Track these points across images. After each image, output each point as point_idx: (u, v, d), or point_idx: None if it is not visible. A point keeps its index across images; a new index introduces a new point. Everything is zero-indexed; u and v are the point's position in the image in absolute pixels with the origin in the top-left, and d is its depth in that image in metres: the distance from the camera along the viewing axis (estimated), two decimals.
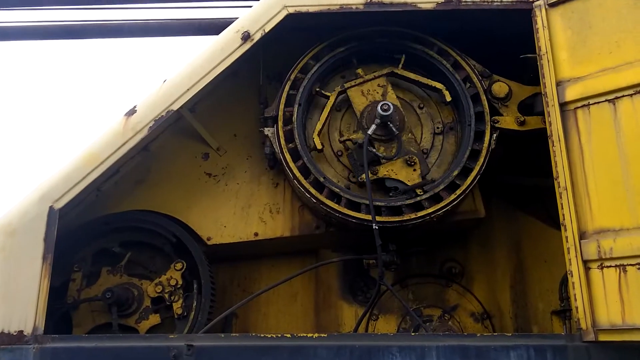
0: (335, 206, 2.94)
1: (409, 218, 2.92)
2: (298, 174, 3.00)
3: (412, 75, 3.18)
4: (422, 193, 2.97)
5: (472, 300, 3.45)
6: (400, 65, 3.18)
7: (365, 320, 3.30)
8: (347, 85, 3.17)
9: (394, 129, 3.00)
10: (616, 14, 2.63)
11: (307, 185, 2.98)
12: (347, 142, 3.12)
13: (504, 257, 3.54)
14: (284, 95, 3.13)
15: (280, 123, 3.09)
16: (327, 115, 3.12)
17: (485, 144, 3.03)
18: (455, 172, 3.00)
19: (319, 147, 3.05)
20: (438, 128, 3.22)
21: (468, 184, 2.98)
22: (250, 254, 3.47)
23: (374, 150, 3.02)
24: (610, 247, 2.36)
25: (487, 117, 3.08)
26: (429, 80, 3.17)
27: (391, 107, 2.98)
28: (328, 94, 3.16)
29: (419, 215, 2.93)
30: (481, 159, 3.01)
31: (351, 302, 3.43)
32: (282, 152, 3.06)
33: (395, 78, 3.22)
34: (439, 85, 3.14)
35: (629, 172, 2.41)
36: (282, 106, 3.12)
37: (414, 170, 3.01)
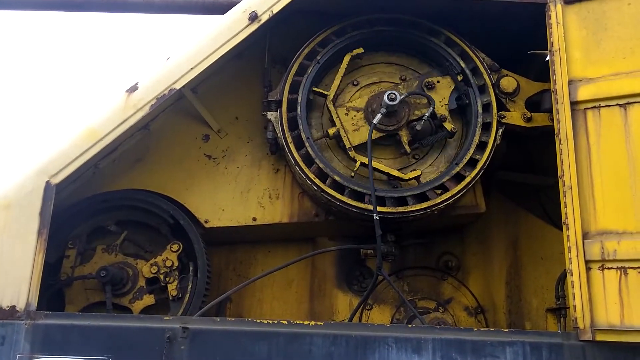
0: (338, 195, 2.91)
1: (410, 210, 2.91)
2: (298, 159, 2.97)
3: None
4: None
5: (467, 294, 3.46)
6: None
7: (360, 309, 3.30)
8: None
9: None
10: (633, 20, 2.63)
11: (307, 171, 2.95)
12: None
13: (500, 252, 3.55)
14: (289, 80, 3.08)
15: (284, 108, 3.04)
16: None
17: (491, 139, 3.00)
18: (460, 166, 2.97)
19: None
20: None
21: (471, 178, 2.96)
22: (247, 238, 3.45)
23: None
24: (614, 249, 2.37)
25: (494, 111, 3.05)
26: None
27: (397, 96, 2.94)
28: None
29: (420, 207, 2.91)
30: (486, 154, 2.99)
31: (346, 291, 3.43)
32: (284, 138, 3.02)
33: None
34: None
35: (636, 177, 2.42)
36: (286, 91, 3.06)
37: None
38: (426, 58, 3.25)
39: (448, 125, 3.05)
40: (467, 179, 2.95)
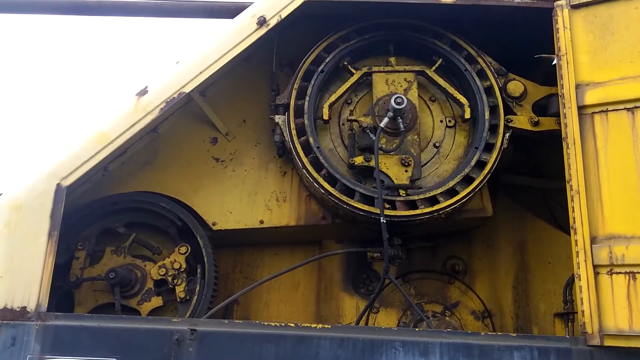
0: (345, 198, 2.92)
1: (417, 213, 2.91)
2: (307, 164, 2.98)
3: (441, 82, 3.14)
4: (404, 194, 2.95)
5: (474, 298, 3.46)
6: (434, 68, 3.14)
7: (366, 312, 3.30)
8: (374, 68, 3.13)
9: (402, 125, 2.97)
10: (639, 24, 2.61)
11: (317, 176, 2.96)
12: (354, 122, 3.07)
13: (507, 256, 3.54)
14: (297, 83, 3.10)
15: (291, 111, 3.06)
16: (345, 91, 3.10)
17: (498, 143, 3.01)
18: (466, 171, 2.98)
19: (326, 117, 3.03)
20: (450, 122, 3.20)
21: (478, 182, 2.96)
22: (254, 241, 3.46)
23: (373, 137, 2.96)
24: (623, 254, 2.36)
25: (501, 116, 3.05)
26: (456, 92, 3.12)
27: (405, 101, 2.95)
28: (353, 71, 3.12)
29: (427, 211, 2.92)
30: (493, 157, 3.00)
31: (353, 294, 3.43)
32: (292, 141, 3.04)
33: (423, 77, 3.19)
34: (463, 100, 3.09)
35: None
36: (294, 95, 3.08)
37: (406, 171, 2.98)
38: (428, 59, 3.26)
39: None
40: (474, 183, 2.96)
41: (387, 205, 2.91)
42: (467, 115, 3.07)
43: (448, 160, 3.15)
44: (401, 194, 2.96)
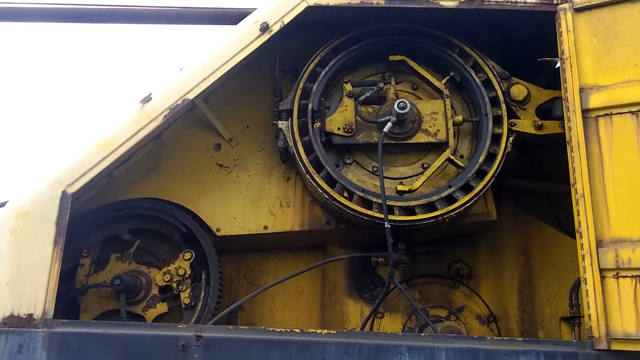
0: (348, 203, 2.92)
1: (421, 218, 2.91)
2: (311, 170, 2.99)
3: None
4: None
5: (479, 302, 3.45)
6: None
7: (371, 317, 3.30)
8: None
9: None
10: None
11: (320, 182, 2.97)
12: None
13: (512, 260, 3.53)
14: (300, 89, 3.11)
15: (295, 117, 3.07)
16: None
17: (502, 147, 3.01)
18: (470, 174, 2.98)
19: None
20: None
21: (482, 186, 2.96)
22: (258, 247, 3.46)
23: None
24: (629, 258, 2.35)
25: (505, 120, 3.05)
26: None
27: (408, 105, 2.96)
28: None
29: (431, 215, 2.91)
30: (497, 162, 3.00)
31: (357, 299, 3.43)
32: (295, 147, 3.04)
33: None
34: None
35: None
36: (297, 100, 3.09)
37: None
38: (438, 68, 3.27)
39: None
40: (478, 188, 2.95)
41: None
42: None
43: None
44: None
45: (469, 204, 2.95)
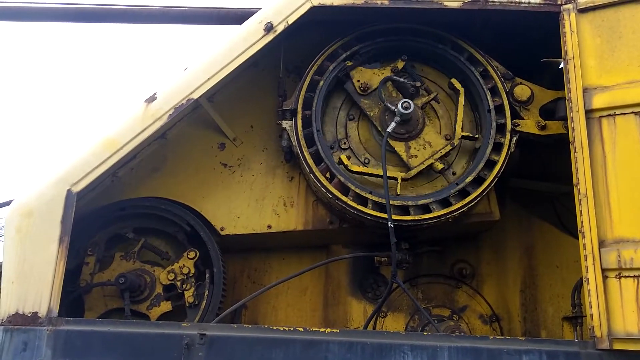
0: (352, 203, 2.93)
1: (424, 217, 2.92)
2: (315, 169, 3.00)
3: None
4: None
5: (482, 302, 3.46)
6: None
7: (374, 317, 3.31)
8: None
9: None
10: None
11: (324, 181, 2.98)
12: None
13: (515, 260, 3.54)
14: (304, 89, 3.12)
15: (298, 117, 3.08)
16: None
17: (505, 147, 3.01)
18: (473, 175, 2.98)
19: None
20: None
21: (485, 186, 2.97)
22: (262, 246, 3.48)
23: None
24: (631, 258, 2.36)
25: (508, 120, 3.06)
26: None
27: (412, 106, 2.97)
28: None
29: (435, 215, 2.92)
30: (500, 162, 3.01)
31: (360, 298, 3.44)
32: (299, 146, 3.06)
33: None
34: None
35: None
36: (301, 100, 3.10)
37: None
38: (441, 67, 3.28)
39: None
40: (481, 187, 2.96)
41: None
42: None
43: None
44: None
45: (471, 204, 2.95)
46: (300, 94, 3.11)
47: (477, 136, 3.13)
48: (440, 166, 3.03)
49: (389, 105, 3.03)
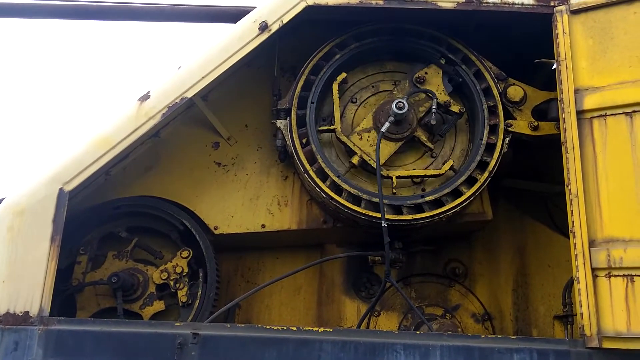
0: (345, 202, 2.94)
1: (418, 217, 2.93)
2: (309, 168, 3.00)
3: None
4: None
5: (474, 301, 3.48)
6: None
7: (367, 315, 3.32)
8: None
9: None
10: (638, 29, 2.65)
11: (318, 181, 2.98)
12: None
13: (508, 260, 3.56)
14: (298, 88, 3.12)
15: (293, 116, 3.08)
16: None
17: (498, 147, 3.03)
18: (466, 175, 3.00)
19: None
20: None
21: (478, 186, 2.99)
22: (256, 245, 3.47)
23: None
24: (621, 257, 2.38)
25: (501, 120, 3.08)
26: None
27: (406, 105, 2.98)
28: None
29: (428, 214, 2.94)
30: (493, 162, 3.02)
31: (354, 297, 3.45)
32: (293, 146, 3.06)
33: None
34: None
35: None
36: (295, 100, 3.11)
37: None
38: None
39: (455, 108, 3.11)
40: (474, 187, 2.98)
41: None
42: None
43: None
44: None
45: (464, 204, 2.97)
46: (295, 94, 3.11)
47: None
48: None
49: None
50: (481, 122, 3.08)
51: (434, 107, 3.03)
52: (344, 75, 3.13)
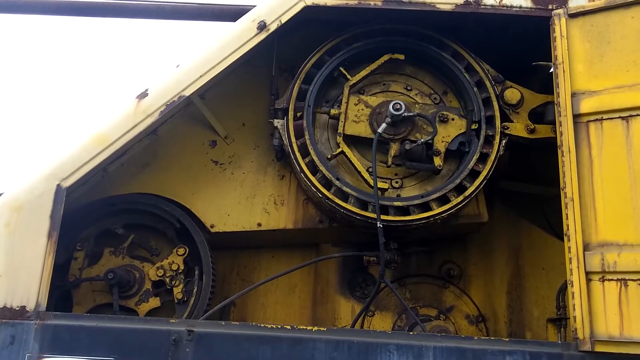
0: (342, 203, 2.95)
1: (413, 218, 2.94)
2: (305, 168, 3.01)
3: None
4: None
5: (468, 302, 3.49)
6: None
7: (362, 315, 3.33)
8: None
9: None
10: (636, 33, 2.66)
11: (314, 180, 2.99)
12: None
13: (502, 262, 3.58)
14: (296, 88, 3.13)
15: (290, 116, 3.09)
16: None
17: (494, 150, 3.04)
18: (462, 176, 3.01)
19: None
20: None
21: (474, 188, 3.00)
22: (252, 244, 3.49)
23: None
24: (614, 261, 2.39)
25: (498, 123, 3.09)
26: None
27: (403, 107, 2.99)
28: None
29: (423, 216, 2.95)
30: (489, 164, 3.03)
31: (349, 297, 3.46)
32: (290, 145, 3.07)
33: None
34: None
35: (637, 189, 2.44)
36: (293, 100, 3.12)
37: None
38: (433, 69, 3.30)
39: (437, 161, 3.02)
40: (470, 189, 2.99)
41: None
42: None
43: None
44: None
45: (460, 206, 2.98)
46: (292, 93, 3.12)
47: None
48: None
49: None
50: (478, 125, 3.09)
51: (422, 140, 2.98)
52: (401, 56, 3.12)
